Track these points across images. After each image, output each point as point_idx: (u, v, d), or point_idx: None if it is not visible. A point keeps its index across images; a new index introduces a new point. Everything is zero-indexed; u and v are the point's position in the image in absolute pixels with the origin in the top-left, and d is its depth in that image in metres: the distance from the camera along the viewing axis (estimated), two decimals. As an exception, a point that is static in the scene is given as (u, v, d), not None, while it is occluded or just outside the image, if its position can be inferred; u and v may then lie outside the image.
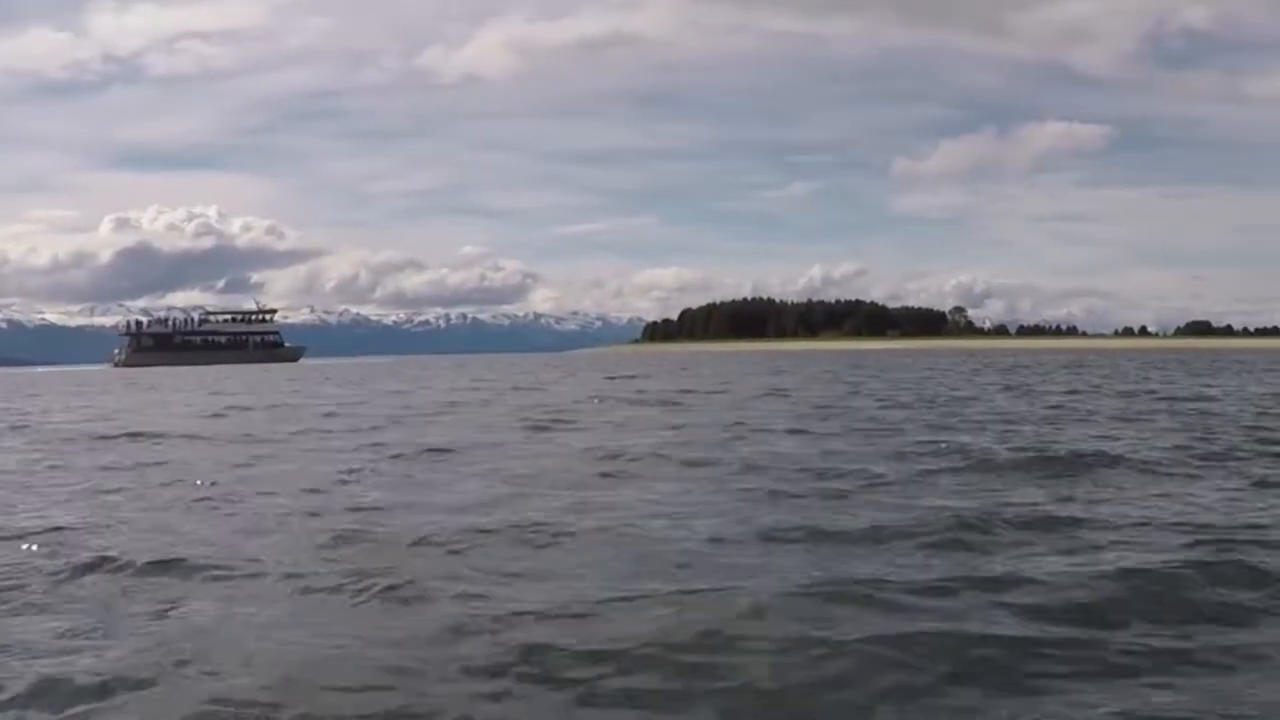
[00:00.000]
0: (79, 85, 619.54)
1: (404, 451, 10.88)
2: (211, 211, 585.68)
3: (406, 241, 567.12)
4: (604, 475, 8.70)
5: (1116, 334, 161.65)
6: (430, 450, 10.89)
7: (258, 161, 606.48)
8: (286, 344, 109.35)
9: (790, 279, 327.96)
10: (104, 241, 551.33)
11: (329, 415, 17.42)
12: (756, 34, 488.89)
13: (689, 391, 23.90)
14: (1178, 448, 9.80)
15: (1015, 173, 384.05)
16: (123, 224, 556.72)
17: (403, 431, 13.78)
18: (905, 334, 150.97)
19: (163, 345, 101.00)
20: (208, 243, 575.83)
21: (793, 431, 12.44)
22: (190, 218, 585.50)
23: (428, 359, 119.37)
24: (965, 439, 10.95)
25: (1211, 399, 18.11)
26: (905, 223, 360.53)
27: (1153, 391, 20.98)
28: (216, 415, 18.32)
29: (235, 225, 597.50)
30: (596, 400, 20.98)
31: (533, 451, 10.86)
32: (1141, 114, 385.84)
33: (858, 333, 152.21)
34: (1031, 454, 9.26)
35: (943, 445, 10.21)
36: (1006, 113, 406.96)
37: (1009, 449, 9.76)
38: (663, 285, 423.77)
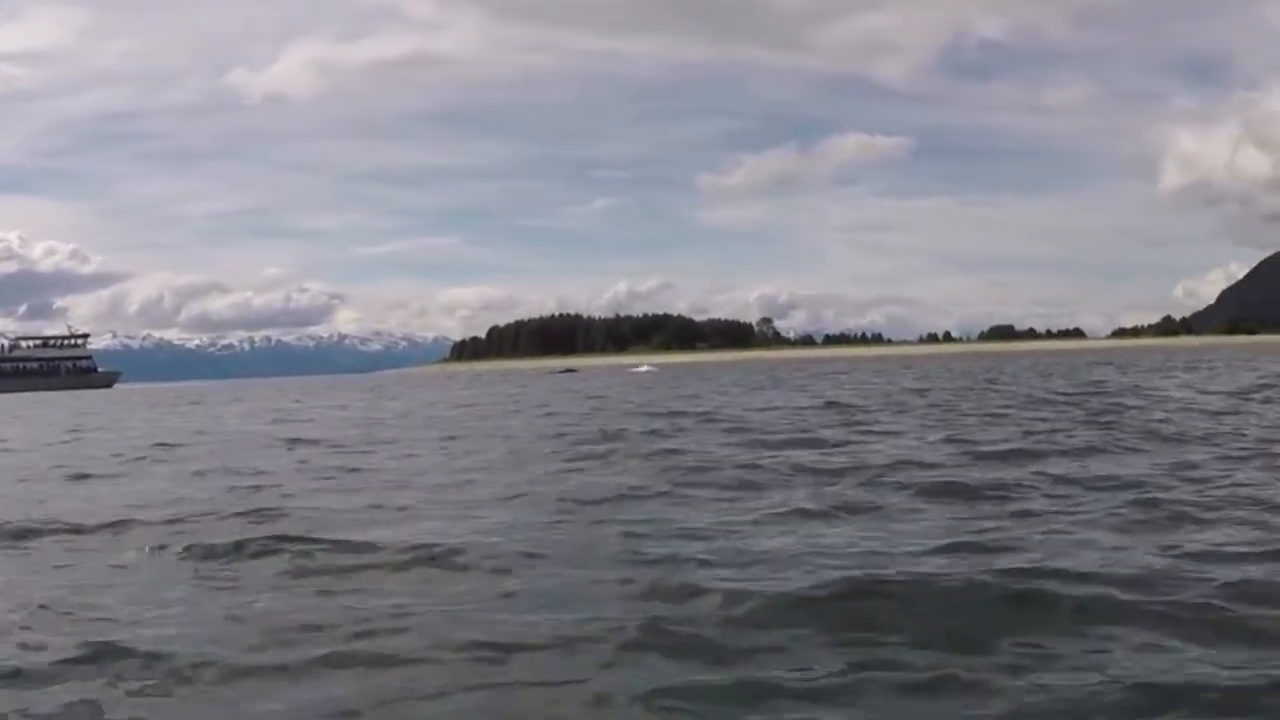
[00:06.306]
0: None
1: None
2: (13, 236, 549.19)
3: (210, 264, 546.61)
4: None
5: (921, 340, 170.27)
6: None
7: (61, 184, 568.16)
8: (100, 369, 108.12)
9: (595, 294, 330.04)
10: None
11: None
12: (558, 53, 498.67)
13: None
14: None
15: (818, 185, 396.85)
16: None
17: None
18: (714, 346, 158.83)
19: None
20: (9, 267, 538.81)
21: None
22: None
23: (242, 384, 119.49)
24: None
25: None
26: (710, 237, 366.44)
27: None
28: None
29: (38, 250, 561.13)
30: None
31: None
32: (940, 125, 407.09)
33: (667, 346, 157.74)
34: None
35: None
36: (808, 126, 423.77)
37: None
38: (467, 304, 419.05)
